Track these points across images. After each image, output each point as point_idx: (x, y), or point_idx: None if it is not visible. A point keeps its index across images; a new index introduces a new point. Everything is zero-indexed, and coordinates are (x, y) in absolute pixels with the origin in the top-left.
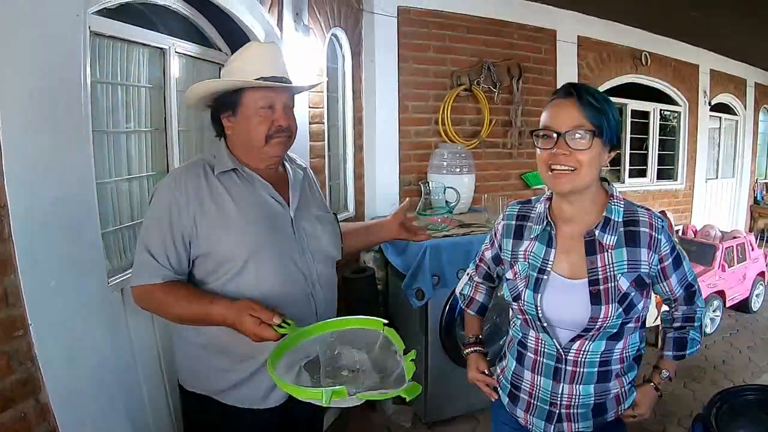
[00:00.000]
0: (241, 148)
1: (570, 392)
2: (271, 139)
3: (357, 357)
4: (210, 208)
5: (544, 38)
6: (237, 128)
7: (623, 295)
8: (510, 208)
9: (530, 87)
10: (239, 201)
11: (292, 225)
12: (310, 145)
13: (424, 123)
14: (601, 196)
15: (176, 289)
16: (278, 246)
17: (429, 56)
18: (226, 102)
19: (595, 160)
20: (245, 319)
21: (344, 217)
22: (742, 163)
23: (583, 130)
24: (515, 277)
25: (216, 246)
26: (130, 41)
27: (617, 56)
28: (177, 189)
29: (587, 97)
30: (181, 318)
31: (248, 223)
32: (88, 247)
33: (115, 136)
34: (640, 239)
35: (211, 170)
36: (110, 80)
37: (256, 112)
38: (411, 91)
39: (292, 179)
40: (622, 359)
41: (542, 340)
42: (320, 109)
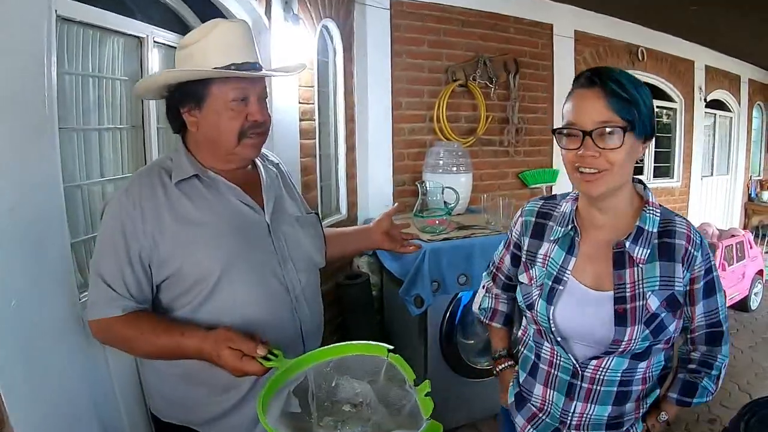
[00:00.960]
0: (205, 148)
1: (583, 410)
2: (245, 137)
3: (359, 388)
4: (170, 223)
5: (540, 32)
6: (203, 124)
7: (651, 316)
8: (531, 203)
9: (527, 83)
10: (205, 211)
11: (269, 232)
12: (301, 143)
13: (418, 120)
14: (635, 201)
15: (140, 322)
16: (255, 259)
17: (423, 50)
18: (188, 93)
19: (628, 157)
20: (224, 353)
21: (336, 220)
22: (737, 159)
23: (612, 126)
24: (530, 282)
25: (182, 266)
26: (104, 28)
27: (614, 51)
28: (129, 203)
29: (613, 86)
30: (149, 354)
31: (217, 236)
32: (56, 260)
33: (85, 133)
34: (675, 253)
35: (168, 177)
36: (80, 71)
37: (227, 106)
38: (405, 86)
39: (264, 179)
40: (644, 379)
41: (557, 353)
42: (311, 105)
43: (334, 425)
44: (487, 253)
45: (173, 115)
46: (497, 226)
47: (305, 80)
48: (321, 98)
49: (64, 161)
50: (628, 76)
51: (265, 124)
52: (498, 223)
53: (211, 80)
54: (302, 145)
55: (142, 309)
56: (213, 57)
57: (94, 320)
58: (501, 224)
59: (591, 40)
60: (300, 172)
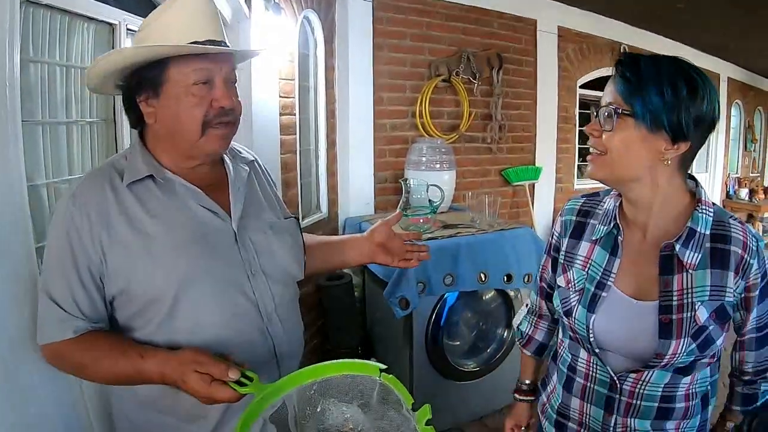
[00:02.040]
0: (166, 143)
1: (624, 425)
2: (210, 127)
3: (348, 413)
4: (120, 232)
5: (524, 28)
6: (161, 115)
7: (699, 329)
8: (571, 201)
9: (510, 78)
10: (159, 218)
11: (236, 241)
12: (281, 138)
13: (400, 116)
14: (684, 199)
15: (95, 344)
16: (218, 273)
17: (406, 44)
18: (144, 79)
19: (631, 147)
20: (190, 378)
21: (317, 219)
22: (715, 157)
23: (612, 108)
24: (568, 286)
25: (129, 284)
26: (73, 13)
27: (597, 48)
28: (76, 210)
29: (625, 69)
30: (107, 380)
31: (172, 248)
32: (19, 267)
33: (52, 127)
34: (730, 261)
35: (120, 179)
36: (47, 60)
37: (188, 90)
38: (386, 81)
39: (232, 178)
40: (687, 396)
41: (594, 364)
42: (291, 99)
43: None
44: (473, 253)
45: (129, 107)
46: (483, 224)
47: (286, 73)
48: (302, 92)
49: (28, 158)
50: (656, 64)
51: (233, 111)
52: (483, 222)
53: (169, 62)
54: (282, 140)
55: (98, 329)
56: (171, 36)
57: (45, 345)
58: (486, 222)
59: (574, 37)
60: (280, 168)
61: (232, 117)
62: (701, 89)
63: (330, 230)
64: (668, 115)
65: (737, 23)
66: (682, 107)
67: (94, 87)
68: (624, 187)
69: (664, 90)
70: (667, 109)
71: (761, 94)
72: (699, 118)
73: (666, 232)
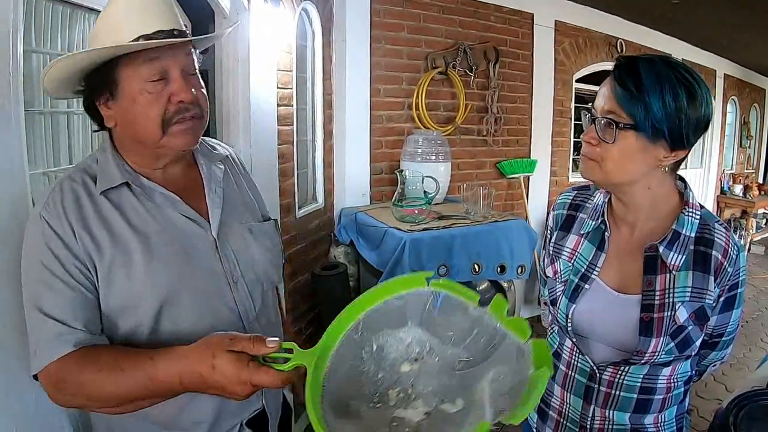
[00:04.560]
0: (131, 145)
1: (603, 416)
2: (171, 124)
3: (408, 337)
4: (101, 242)
5: (521, 21)
6: (120, 117)
7: (678, 328)
8: (563, 195)
9: (506, 72)
10: (138, 229)
11: (216, 249)
12: (278, 129)
13: (397, 107)
14: (673, 200)
15: (98, 356)
16: (200, 285)
17: (403, 37)
18: (98, 81)
19: (630, 158)
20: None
21: (313, 209)
22: (710, 153)
23: (611, 118)
24: (555, 276)
25: (111, 296)
26: (74, 4)
27: (593, 43)
28: (52, 219)
29: (624, 77)
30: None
31: (155, 260)
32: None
33: (53, 116)
34: (710, 265)
35: (93, 183)
36: (48, 50)
37: (143, 89)
38: (383, 73)
39: (207, 180)
40: (668, 388)
41: (576, 352)
42: (289, 89)
43: (407, 396)
44: (467, 244)
45: (91, 111)
46: (477, 216)
47: (284, 64)
48: (299, 83)
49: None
50: (655, 70)
51: (196, 104)
52: (478, 213)
53: (119, 61)
54: (279, 131)
55: (99, 344)
56: (117, 32)
57: (43, 371)
58: (481, 214)
59: (571, 31)
60: (277, 159)
61: (196, 110)
62: (698, 93)
63: (326, 220)
64: (669, 124)
65: (733, 19)
66: (683, 116)
67: (51, 92)
68: (617, 190)
69: (666, 99)
70: (669, 118)
71: (757, 90)
72: (698, 123)
73: (652, 231)
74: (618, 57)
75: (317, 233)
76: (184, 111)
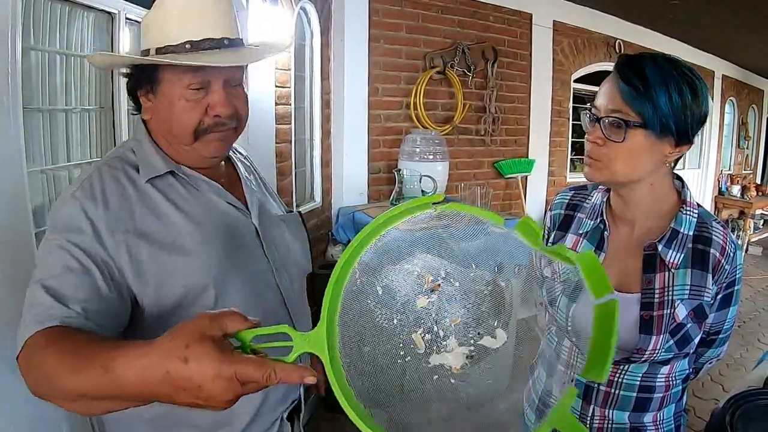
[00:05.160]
0: (163, 140)
1: (602, 416)
2: (204, 134)
3: (416, 267)
4: (148, 224)
5: (519, 21)
6: (156, 112)
7: (678, 326)
8: (560, 195)
9: (505, 72)
10: (186, 212)
11: (258, 236)
12: (277, 128)
13: (395, 107)
14: (671, 198)
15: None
16: (249, 269)
17: (401, 36)
18: (141, 74)
19: (639, 155)
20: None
21: (311, 208)
22: (708, 154)
23: (618, 117)
24: (553, 275)
25: (167, 276)
26: (72, 2)
27: (592, 43)
28: (86, 200)
29: (630, 75)
30: (71, 392)
31: (204, 242)
32: (18, 251)
33: (51, 114)
34: (708, 263)
35: (135, 172)
36: (47, 48)
37: (182, 95)
38: (382, 72)
39: (244, 175)
40: (667, 386)
41: (575, 352)
42: (287, 88)
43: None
44: None
45: (133, 97)
46: None
47: (282, 63)
48: (297, 82)
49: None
50: (659, 67)
51: (236, 118)
52: None
53: None
54: (278, 130)
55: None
56: (165, 33)
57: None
58: None
59: (570, 31)
60: (275, 157)
61: (232, 125)
62: (699, 90)
63: (324, 219)
64: (676, 119)
65: (731, 20)
66: (688, 111)
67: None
68: (622, 188)
69: (672, 95)
70: (675, 114)
71: (755, 91)
72: (701, 117)
73: (651, 230)
74: (621, 55)
75: (315, 232)
76: (220, 126)
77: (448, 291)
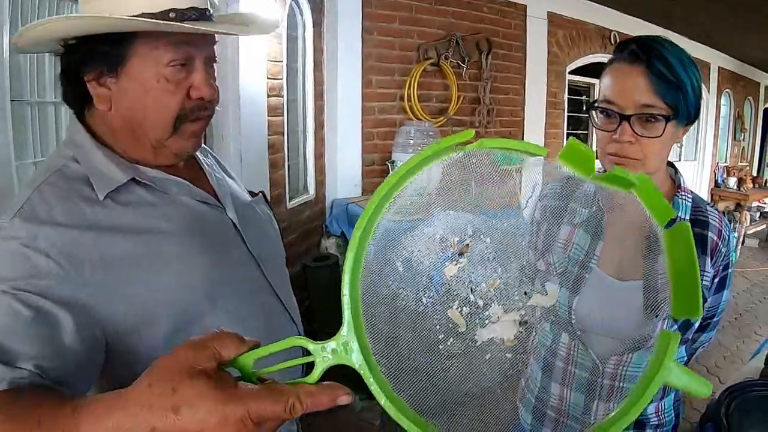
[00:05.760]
0: (123, 136)
1: (606, 411)
2: (184, 122)
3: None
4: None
5: (514, 13)
6: (120, 101)
7: None
8: (550, 186)
9: (499, 63)
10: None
11: (237, 230)
12: (269, 120)
13: (388, 99)
14: (666, 185)
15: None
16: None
17: (395, 28)
18: (97, 52)
19: (668, 146)
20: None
21: (304, 200)
22: (704, 146)
23: (653, 113)
24: (549, 269)
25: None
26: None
27: (587, 35)
28: (40, 231)
29: (660, 66)
30: None
31: (186, 256)
32: None
33: (41, 107)
34: (706, 246)
35: (87, 188)
36: None
37: (162, 75)
38: (375, 64)
39: (205, 162)
40: None
41: (576, 347)
42: (279, 80)
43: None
44: None
45: (71, 83)
46: None
47: (273, 54)
48: (289, 74)
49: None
50: (677, 53)
51: (214, 102)
52: None
53: (136, 35)
54: (270, 122)
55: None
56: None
57: None
58: None
59: (564, 23)
60: (267, 149)
61: (211, 110)
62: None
63: (317, 211)
64: (696, 104)
65: (727, 13)
66: (700, 92)
67: (22, 49)
68: None
69: (693, 82)
70: (697, 99)
71: (751, 84)
72: None
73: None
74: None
75: (308, 224)
76: (202, 110)
77: (479, 250)
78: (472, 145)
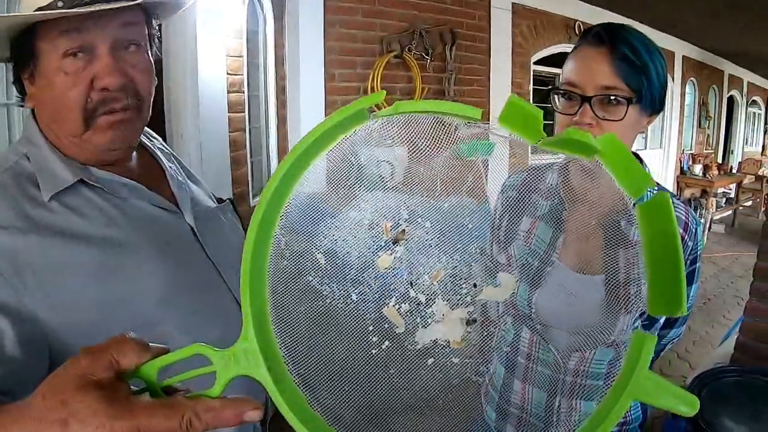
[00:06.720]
0: (51, 135)
1: (569, 406)
2: (96, 116)
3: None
4: (65, 258)
5: (477, 4)
6: (39, 98)
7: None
8: (512, 177)
9: (463, 55)
10: (110, 232)
11: (195, 237)
12: (229, 116)
13: (352, 92)
14: None
15: None
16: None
17: (357, 20)
18: (20, 52)
19: (631, 132)
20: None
21: None
22: (670, 134)
23: (616, 94)
24: (509, 262)
25: (99, 325)
26: None
27: (551, 25)
28: None
29: (624, 49)
30: None
31: (139, 265)
32: None
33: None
34: None
35: (35, 188)
36: None
37: (60, 67)
38: (338, 58)
39: (166, 165)
40: None
41: (537, 343)
42: (240, 76)
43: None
44: None
45: (15, 81)
46: None
47: (234, 50)
48: (251, 69)
49: None
50: (642, 39)
51: (132, 91)
52: None
53: (36, 28)
54: (231, 118)
55: None
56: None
57: None
58: None
59: (529, 13)
60: (229, 147)
61: (128, 102)
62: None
63: None
64: (661, 90)
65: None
66: (665, 81)
67: None
68: None
69: (658, 68)
70: (661, 85)
71: (716, 72)
72: None
73: (612, 207)
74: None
75: None
76: (111, 102)
77: (417, 236)
78: (387, 110)
